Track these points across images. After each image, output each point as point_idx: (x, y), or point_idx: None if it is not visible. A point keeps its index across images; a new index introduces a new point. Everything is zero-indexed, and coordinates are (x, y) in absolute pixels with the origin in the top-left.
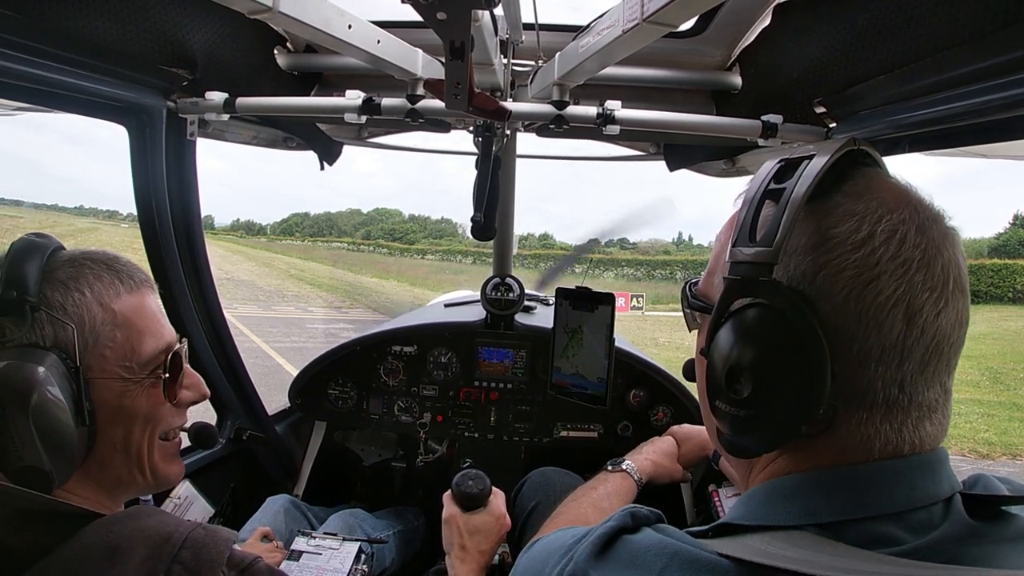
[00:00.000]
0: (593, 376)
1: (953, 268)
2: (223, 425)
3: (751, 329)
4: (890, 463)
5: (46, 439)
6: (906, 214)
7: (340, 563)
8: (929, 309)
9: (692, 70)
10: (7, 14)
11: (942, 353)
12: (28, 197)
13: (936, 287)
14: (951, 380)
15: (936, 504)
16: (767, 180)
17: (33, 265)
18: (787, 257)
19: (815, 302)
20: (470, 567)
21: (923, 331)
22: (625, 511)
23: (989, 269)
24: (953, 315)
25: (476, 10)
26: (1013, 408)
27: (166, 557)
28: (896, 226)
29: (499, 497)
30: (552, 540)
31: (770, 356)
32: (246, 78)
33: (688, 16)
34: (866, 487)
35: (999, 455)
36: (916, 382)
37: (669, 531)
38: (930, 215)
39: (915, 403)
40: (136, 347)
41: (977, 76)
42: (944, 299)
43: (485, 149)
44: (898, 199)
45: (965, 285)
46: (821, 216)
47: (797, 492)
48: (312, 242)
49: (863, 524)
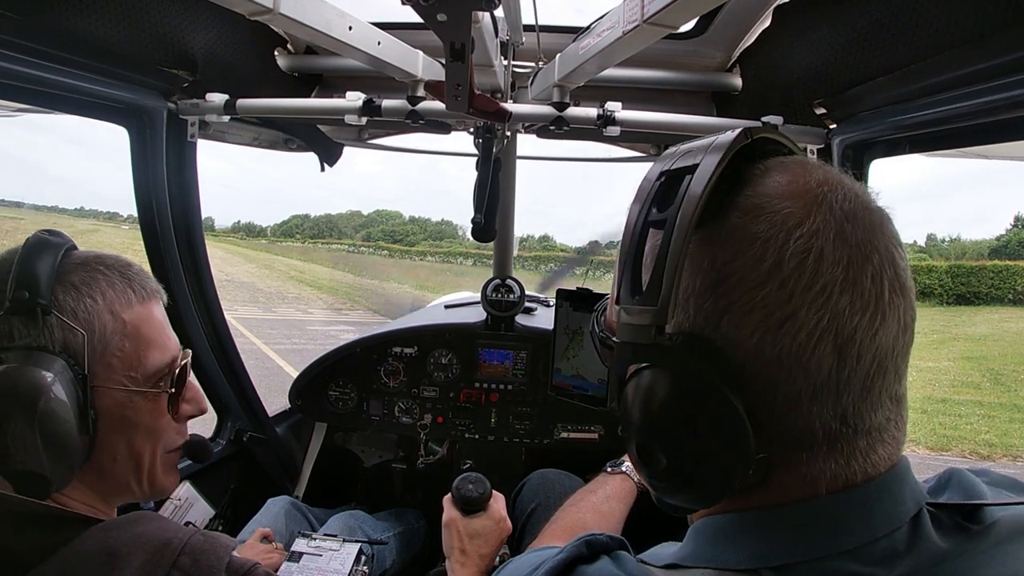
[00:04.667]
0: (594, 377)
1: (888, 270)
2: (223, 426)
3: (649, 398)
4: (842, 496)
5: (48, 445)
6: (819, 221)
7: (340, 564)
8: (863, 332)
9: (692, 71)
10: (7, 15)
11: (886, 371)
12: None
13: (868, 305)
14: (903, 385)
15: (899, 529)
16: (645, 204)
17: (46, 265)
18: (685, 302)
19: (724, 350)
20: (470, 571)
21: (859, 358)
22: (580, 540)
23: (990, 270)
24: (894, 326)
25: (476, 12)
26: (1014, 409)
27: (165, 563)
28: (809, 243)
29: (499, 500)
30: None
31: (676, 426)
32: (247, 79)
33: (688, 17)
34: (816, 525)
35: (1000, 457)
36: (860, 410)
37: (624, 561)
38: (848, 209)
39: (862, 431)
40: (143, 358)
41: (977, 77)
42: (880, 314)
43: (485, 151)
44: (807, 201)
45: (904, 281)
46: (716, 246)
47: (741, 533)
48: (312, 244)
49: (820, 564)
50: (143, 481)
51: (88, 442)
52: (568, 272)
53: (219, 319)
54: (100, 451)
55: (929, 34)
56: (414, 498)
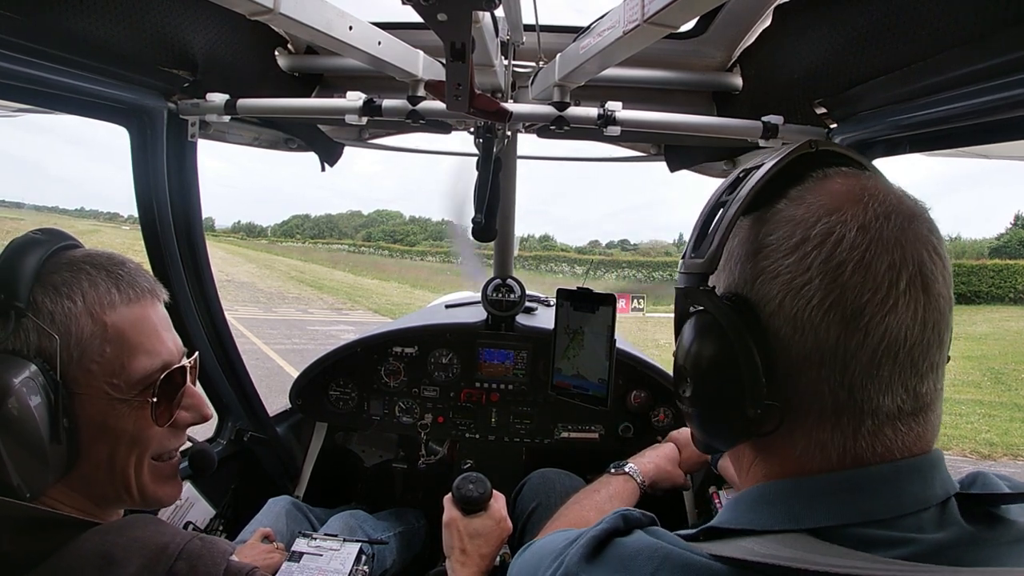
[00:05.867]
0: (594, 377)
1: (910, 266)
2: (224, 426)
3: (690, 334)
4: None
5: (14, 452)
6: (848, 214)
7: (341, 564)
8: (873, 310)
9: (693, 71)
10: (7, 15)
11: (896, 356)
12: (29, 199)
13: (880, 287)
14: (926, 383)
15: (928, 509)
16: (721, 191)
17: (27, 266)
18: (731, 265)
19: (756, 307)
20: (471, 571)
21: (867, 334)
22: (617, 514)
23: (990, 270)
24: (907, 315)
25: (477, 11)
26: (1014, 408)
27: (161, 568)
28: (832, 228)
29: (500, 500)
30: (545, 544)
31: (703, 358)
32: (247, 79)
33: (689, 17)
34: (843, 493)
35: (1000, 456)
36: (867, 387)
37: (661, 534)
38: (880, 211)
39: (868, 410)
40: (126, 364)
41: (977, 76)
42: (892, 299)
43: (486, 150)
44: (845, 199)
45: (929, 282)
46: (761, 224)
47: (777, 499)
48: (313, 244)
49: (851, 529)
50: (132, 491)
51: (68, 450)
52: None
53: (219, 319)
54: (84, 460)
55: (929, 34)
56: (414, 498)
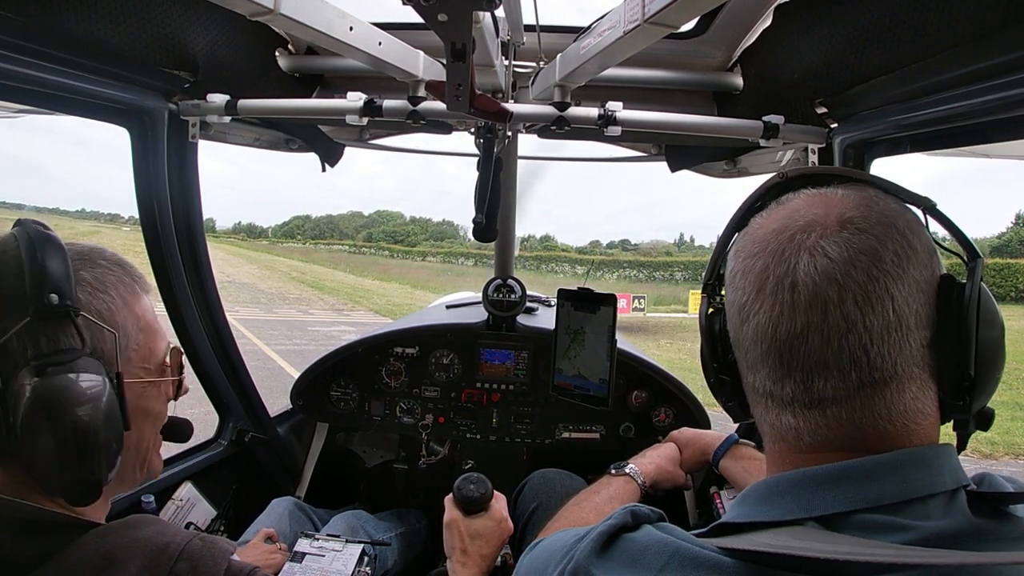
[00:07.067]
0: (595, 377)
1: (784, 274)
2: (225, 427)
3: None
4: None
5: (101, 450)
6: (760, 233)
7: (343, 565)
8: (751, 307)
9: (693, 71)
10: (7, 15)
11: (769, 348)
12: (30, 200)
13: (753, 290)
14: (829, 383)
15: (935, 497)
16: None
17: (60, 263)
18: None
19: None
20: (472, 571)
21: (747, 326)
22: (626, 509)
23: (991, 269)
24: (766, 313)
25: (477, 12)
26: (1016, 408)
27: (163, 569)
28: (737, 244)
29: (501, 501)
30: (554, 540)
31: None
32: (248, 80)
33: (689, 17)
34: (857, 480)
35: (1002, 455)
36: (761, 373)
37: (670, 529)
38: (787, 226)
39: (776, 396)
40: (153, 348)
41: (977, 76)
42: (761, 300)
43: (486, 151)
44: (771, 220)
45: (797, 285)
46: None
47: (786, 491)
48: (313, 244)
49: (859, 515)
50: (144, 466)
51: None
52: None
53: (220, 320)
54: None
55: (929, 34)
56: (415, 498)
